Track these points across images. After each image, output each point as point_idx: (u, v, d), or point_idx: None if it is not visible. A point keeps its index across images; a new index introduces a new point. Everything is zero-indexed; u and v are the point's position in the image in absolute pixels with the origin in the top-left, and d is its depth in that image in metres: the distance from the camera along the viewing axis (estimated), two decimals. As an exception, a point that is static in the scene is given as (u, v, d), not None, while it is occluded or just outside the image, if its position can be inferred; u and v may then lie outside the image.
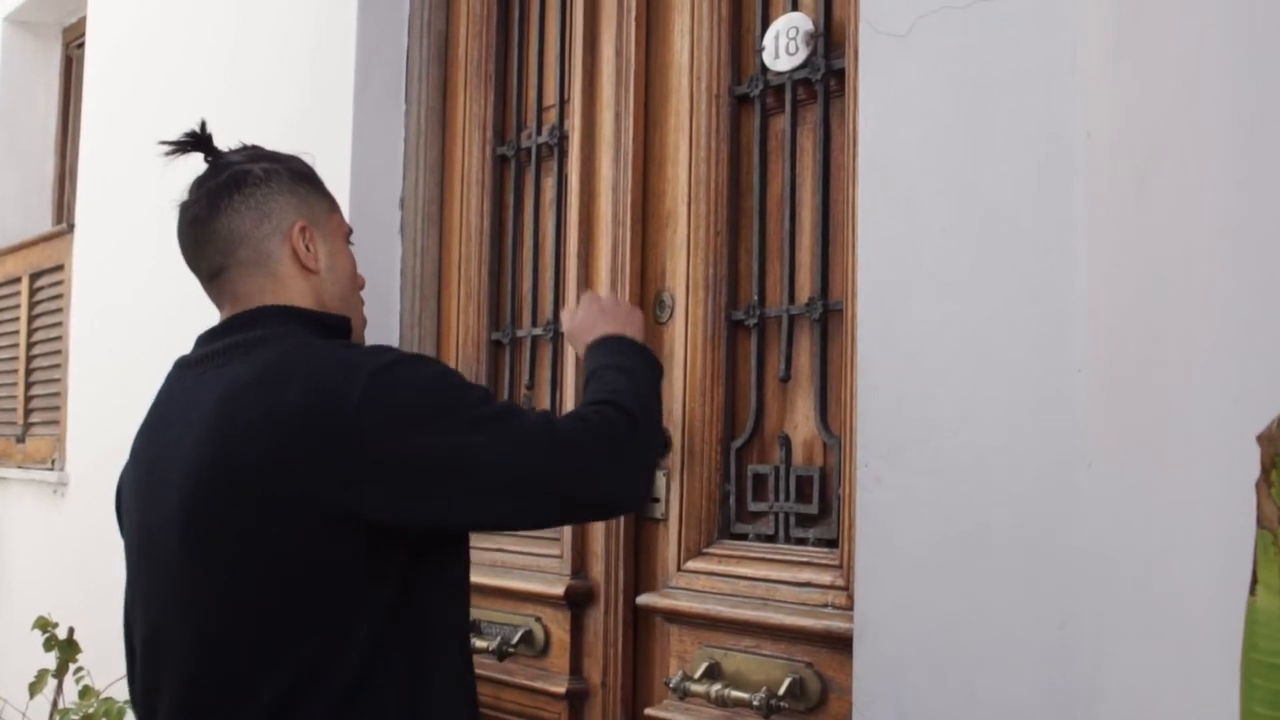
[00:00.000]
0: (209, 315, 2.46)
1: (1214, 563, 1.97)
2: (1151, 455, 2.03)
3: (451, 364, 3.72)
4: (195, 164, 2.46)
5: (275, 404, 2.11)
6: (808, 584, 2.66)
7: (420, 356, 2.33)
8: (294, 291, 2.35)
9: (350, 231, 2.49)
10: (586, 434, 2.27)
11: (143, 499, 2.30)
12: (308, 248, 2.35)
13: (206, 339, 2.34)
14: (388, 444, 2.08)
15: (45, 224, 6.82)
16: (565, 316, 2.87)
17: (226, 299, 2.37)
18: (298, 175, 2.40)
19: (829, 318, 2.75)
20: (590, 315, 2.75)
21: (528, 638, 3.31)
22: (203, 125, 2.43)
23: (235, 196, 2.33)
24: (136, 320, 5.13)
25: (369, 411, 2.08)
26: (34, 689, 5.02)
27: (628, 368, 2.54)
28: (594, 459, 2.27)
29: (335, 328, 2.35)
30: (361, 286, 2.50)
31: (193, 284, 2.47)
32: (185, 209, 2.39)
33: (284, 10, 4.29)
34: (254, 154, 2.41)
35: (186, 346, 2.43)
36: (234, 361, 2.23)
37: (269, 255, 2.33)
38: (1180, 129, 2.03)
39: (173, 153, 2.42)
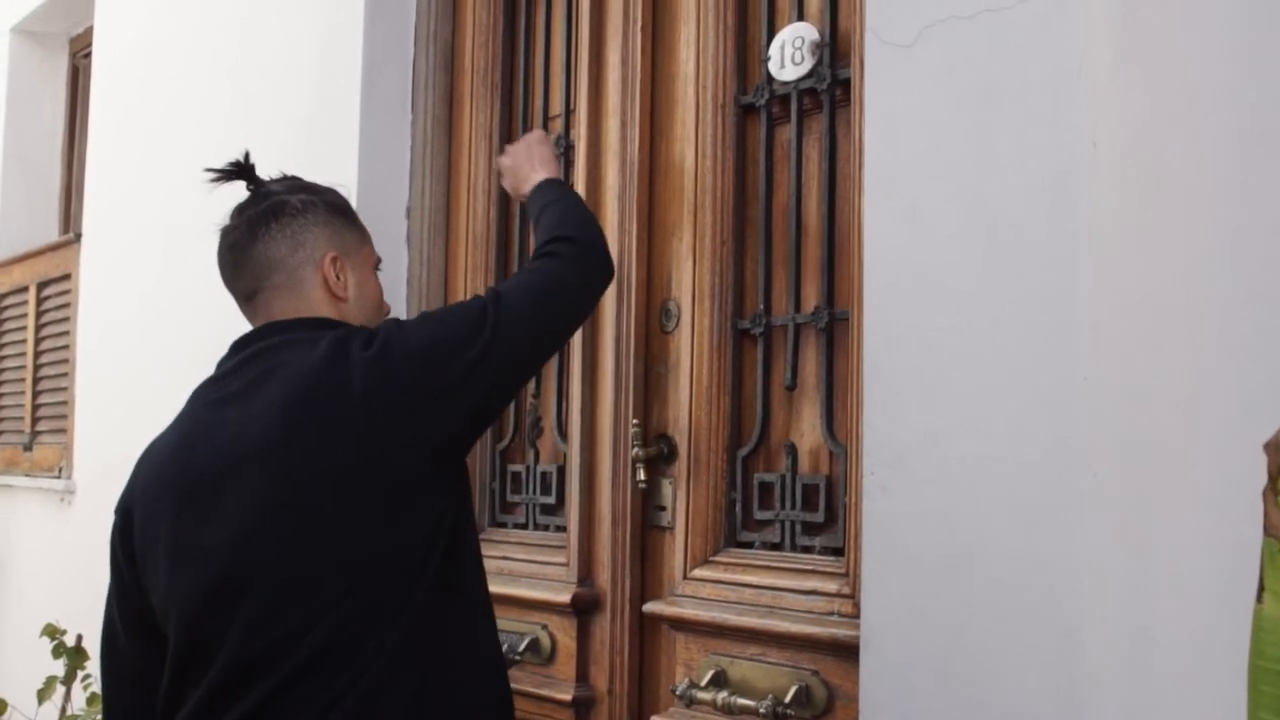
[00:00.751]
0: (215, 324, 2.49)
1: (1219, 571, 1.98)
2: (1156, 464, 2.04)
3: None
4: (204, 177, 2.50)
5: (333, 380, 2.26)
6: (813, 592, 2.67)
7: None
8: (322, 314, 2.44)
9: (379, 262, 2.61)
10: (557, 273, 2.59)
11: (198, 505, 2.30)
12: (338, 276, 2.46)
13: (235, 349, 2.42)
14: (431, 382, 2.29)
15: (52, 233, 6.82)
16: (504, 161, 3.09)
17: (260, 318, 2.46)
18: (333, 208, 2.51)
19: (835, 326, 2.76)
20: (518, 162, 3.01)
21: (534, 645, 3.32)
22: (246, 155, 2.54)
23: (273, 225, 2.44)
24: (143, 329, 5.14)
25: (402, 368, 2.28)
26: (42, 695, 5.03)
27: (557, 198, 2.84)
28: (571, 288, 2.60)
29: None
30: (387, 313, 2.60)
31: (199, 293, 2.50)
32: (226, 234, 2.49)
33: (290, 20, 4.30)
34: (293, 185, 2.52)
35: (193, 354, 2.46)
36: (279, 355, 2.33)
37: (302, 281, 2.44)
38: (1185, 139, 2.04)
39: (217, 180, 2.52)
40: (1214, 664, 1.96)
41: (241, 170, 2.53)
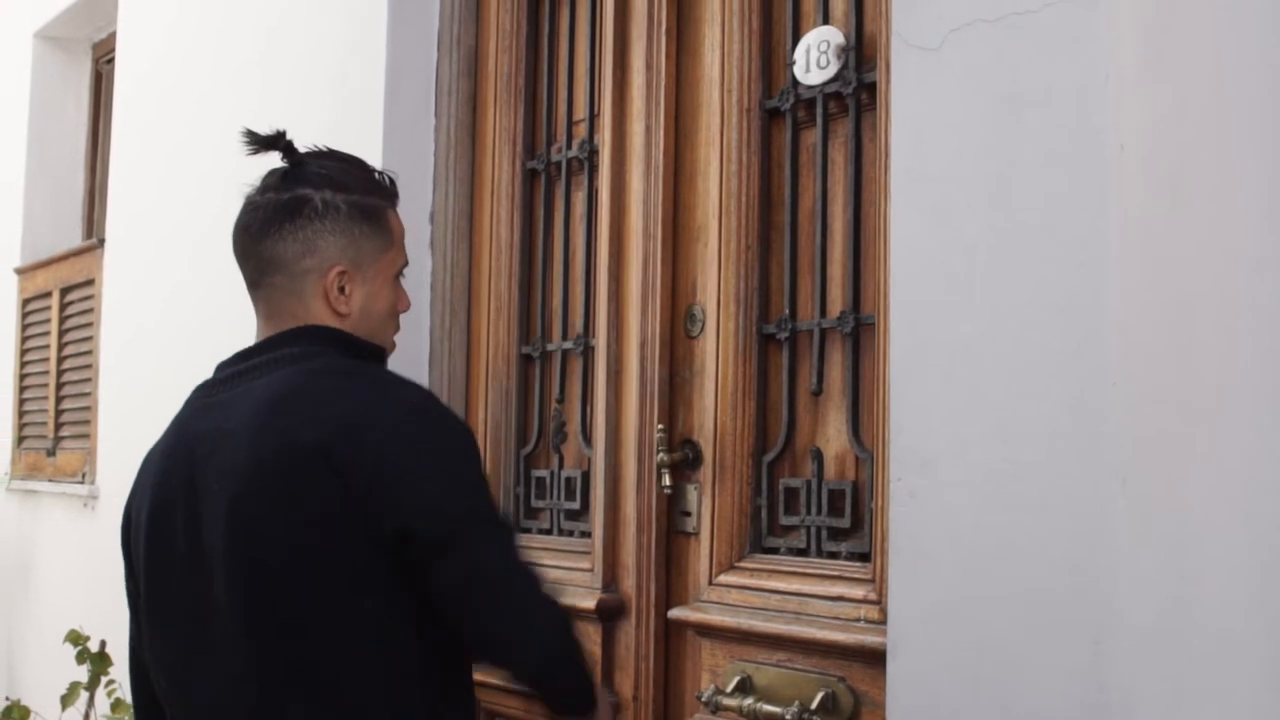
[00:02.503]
0: (238, 328, 2.48)
1: (1249, 578, 1.97)
2: (1186, 469, 2.03)
3: (481, 379, 3.73)
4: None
5: (303, 425, 2.22)
6: (840, 598, 2.66)
7: (442, 414, 2.42)
8: (323, 323, 2.41)
9: (404, 266, 2.54)
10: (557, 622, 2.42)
11: (178, 516, 2.31)
12: (342, 290, 2.41)
13: (238, 359, 2.40)
14: (404, 492, 2.22)
15: (75, 239, 6.84)
16: None
17: (261, 309, 2.44)
18: (357, 211, 2.43)
19: (861, 331, 2.74)
20: None
21: (559, 651, 3.31)
22: (283, 133, 2.47)
23: (286, 225, 2.38)
24: (167, 334, 5.15)
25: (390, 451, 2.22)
26: (66, 701, 5.05)
27: None
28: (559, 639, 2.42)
29: (372, 354, 2.45)
30: (404, 310, 2.56)
31: (222, 298, 2.50)
32: (245, 210, 2.45)
33: (314, 25, 4.31)
34: (325, 176, 2.43)
35: (216, 360, 2.45)
36: (273, 374, 2.31)
37: (303, 290, 2.40)
38: (1213, 142, 2.03)
39: (253, 150, 2.46)
40: (1246, 670, 1.95)
41: (278, 142, 2.46)
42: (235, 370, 2.37)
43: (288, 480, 2.19)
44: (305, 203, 2.39)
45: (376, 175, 2.50)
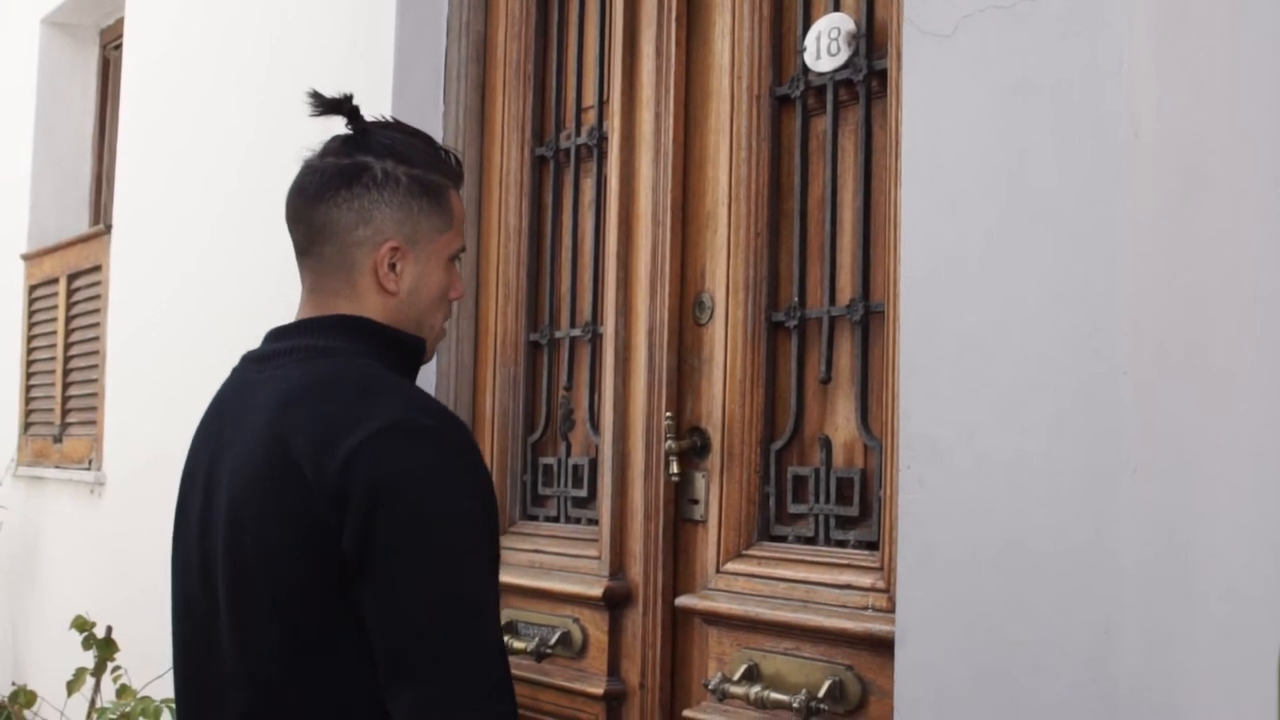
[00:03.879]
0: (246, 316, 2.47)
1: (1258, 566, 1.96)
2: (1196, 458, 2.02)
3: (489, 366, 3.73)
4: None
5: (295, 433, 2.11)
6: (848, 586, 2.65)
7: (452, 446, 2.17)
8: (367, 305, 2.29)
9: (462, 249, 2.41)
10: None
11: (203, 491, 2.29)
12: (392, 267, 2.28)
13: (276, 336, 2.32)
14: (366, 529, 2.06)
15: (82, 225, 6.83)
16: None
17: (307, 279, 2.33)
18: (419, 186, 2.31)
19: (870, 319, 2.74)
20: None
21: (565, 639, 3.31)
22: (350, 97, 2.35)
23: (343, 192, 2.26)
24: (174, 321, 5.15)
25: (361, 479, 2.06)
26: (72, 687, 5.05)
27: None
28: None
29: (409, 351, 2.33)
30: (456, 298, 2.41)
31: (230, 285, 2.47)
32: (303, 172, 2.33)
33: (323, 11, 4.30)
34: (389, 146, 2.32)
35: (224, 346, 2.43)
36: (295, 366, 2.23)
37: (353, 263, 2.28)
38: (1227, 130, 2.02)
39: (318, 111, 2.34)
40: (1254, 661, 1.95)
41: (344, 106, 2.34)
42: (273, 349, 2.29)
43: (273, 493, 2.11)
44: (365, 170, 2.28)
45: (442, 153, 2.39)
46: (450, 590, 2.07)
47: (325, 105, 2.33)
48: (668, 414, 3.10)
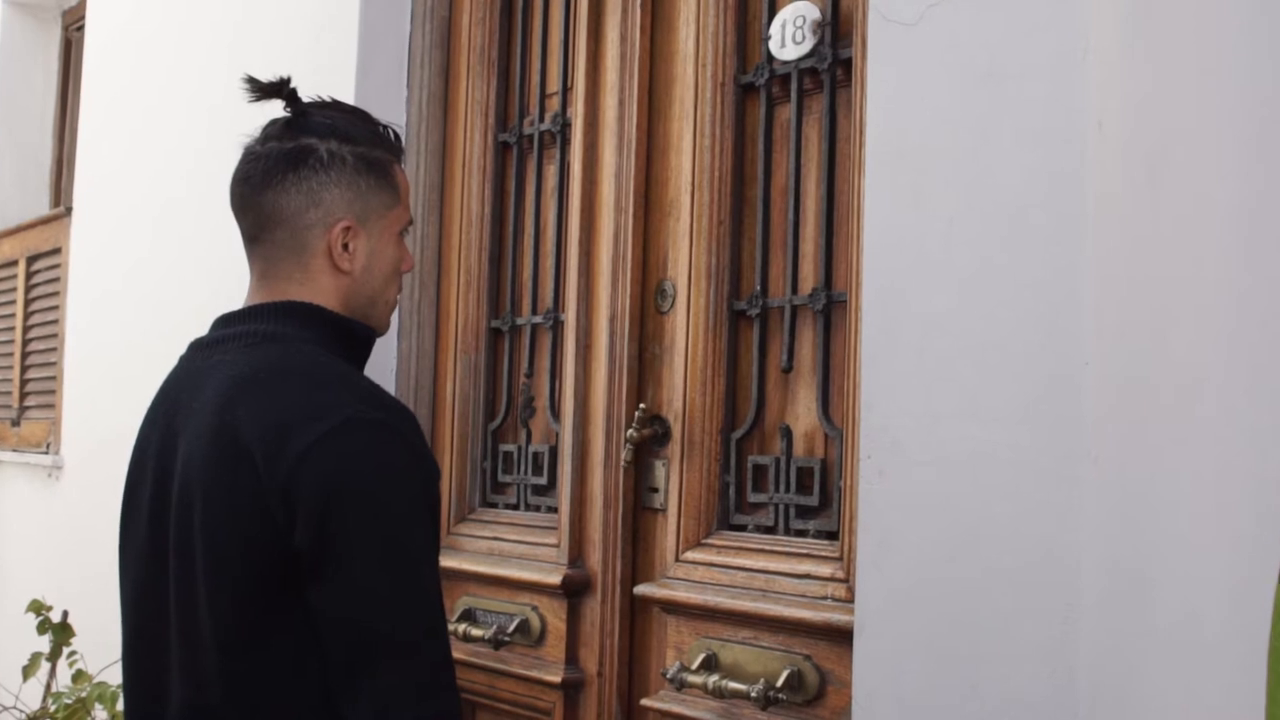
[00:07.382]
0: (206, 299, 2.45)
1: (1218, 558, 1.96)
2: (1157, 450, 2.02)
3: (450, 352, 3.71)
4: (242, 92, 2.39)
5: (245, 422, 2.08)
6: (807, 576, 2.65)
7: (400, 440, 2.15)
8: (320, 287, 2.27)
9: (410, 223, 2.40)
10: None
11: (153, 480, 2.27)
12: (346, 246, 2.26)
13: (224, 322, 2.29)
14: (314, 519, 2.03)
15: (43, 207, 6.80)
16: None
17: (256, 266, 2.30)
18: (364, 164, 2.29)
19: (832, 308, 2.74)
20: None
21: (524, 627, 3.30)
22: (287, 80, 2.33)
23: (290, 176, 2.24)
24: (133, 304, 5.12)
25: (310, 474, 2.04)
26: (27, 672, 5.01)
27: None
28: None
29: (359, 340, 2.31)
30: (407, 270, 2.40)
31: (189, 268, 2.45)
32: (244, 161, 2.30)
33: (286, -6, 4.28)
34: (331, 126, 2.29)
35: (183, 330, 2.40)
36: (243, 352, 2.19)
37: (305, 246, 2.25)
38: (1192, 121, 2.02)
39: (255, 96, 2.33)
40: (1212, 651, 1.95)
41: (282, 89, 2.32)
42: (220, 335, 2.26)
43: (225, 484, 2.08)
44: (310, 152, 2.26)
45: (381, 128, 2.37)
46: (406, 588, 2.07)
47: (262, 90, 2.32)
48: (635, 404, 3.10)
